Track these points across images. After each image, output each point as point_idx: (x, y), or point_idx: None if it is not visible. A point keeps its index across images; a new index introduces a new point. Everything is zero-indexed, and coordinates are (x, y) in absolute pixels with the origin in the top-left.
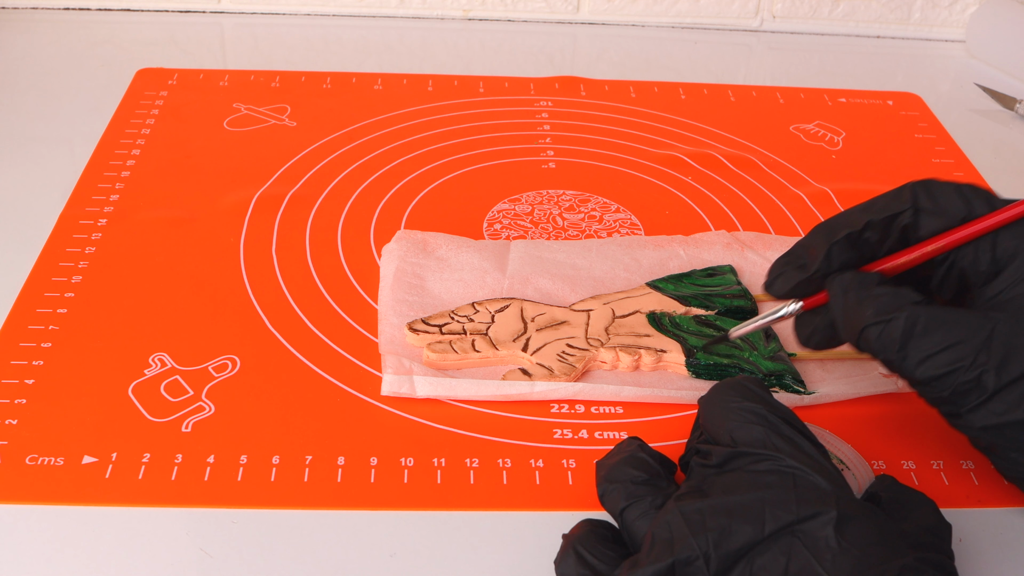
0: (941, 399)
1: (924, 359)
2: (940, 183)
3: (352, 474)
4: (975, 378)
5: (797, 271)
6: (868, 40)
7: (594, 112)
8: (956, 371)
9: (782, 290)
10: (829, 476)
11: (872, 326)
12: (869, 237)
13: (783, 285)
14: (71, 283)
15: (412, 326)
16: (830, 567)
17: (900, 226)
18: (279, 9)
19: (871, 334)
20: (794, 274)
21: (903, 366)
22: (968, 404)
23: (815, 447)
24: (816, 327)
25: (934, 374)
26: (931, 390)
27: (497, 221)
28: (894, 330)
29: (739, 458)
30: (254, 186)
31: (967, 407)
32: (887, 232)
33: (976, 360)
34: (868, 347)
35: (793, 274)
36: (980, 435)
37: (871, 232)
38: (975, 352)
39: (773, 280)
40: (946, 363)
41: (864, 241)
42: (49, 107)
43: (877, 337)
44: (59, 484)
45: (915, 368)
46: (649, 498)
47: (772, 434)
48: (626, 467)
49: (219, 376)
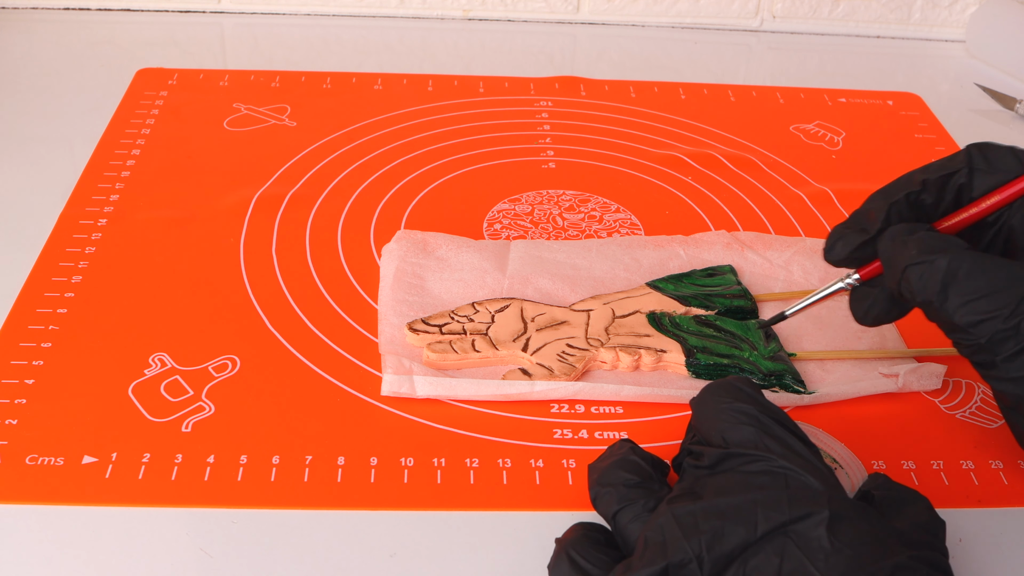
0: (978, 346)
1: (965, 303)
2: (996, 145)
3: (352, 474)
4: (1014, 326)
5: (858, 234)
6: (868, 40)
7: (594, 112)
8: (995, 318)
9: (843, 252)
10: (821, 476)
11: (915, 265)
12: (925, 198)
13: (844, 248)
14: (71, 283)
15: (412, 326)
16: (823, 567)
17: (956, 185)
18: (279, 9)
19: (913, 274)
20: (855, 237)
21: (943, 308)
22: (1004, 352)
23: (807, 447)
24: (874, 299)
25: (973, 319)
26: (968, 336)
27: (497, 221)
28: (937, 271)
29: (731, 459)
30: (254, 186)
31: (1003, 355)
32: (943, 192)
33: (1017, 308)
34: (908, 288)
35: (854, 237)
36: (1011, 387)
37: (927, 193)
38: (1016, 300)
39: (833, 244)
40: (986, 309)
41: (921, 202)
42: (49, 107)
43: (919, 277)
44: (59, 484)
45: (955, 311)
46: (642, 501)
47: (763, 435)
48: (618, 470)
49: (219, 376)
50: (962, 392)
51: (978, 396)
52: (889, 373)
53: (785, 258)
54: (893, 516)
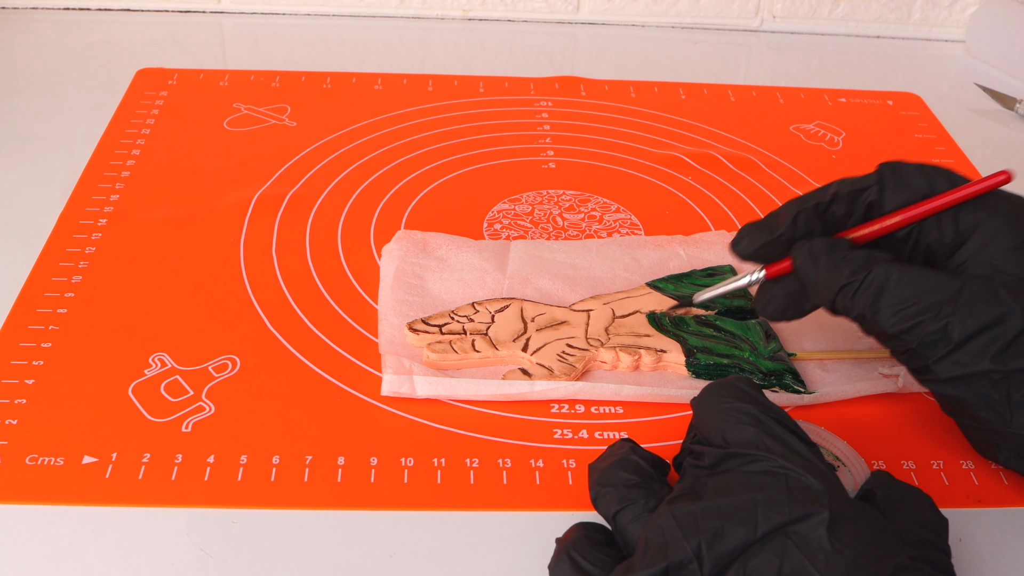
0: (911, 352)
1: (895, 312)
2: (907, 164)
3: (352, 474)
4: (941, 328)
5: (763, 233)
6: (868, 40)
7: (594, 112)
8: (923, 322)
9: (747, 250)
10: (821, 476)
11: (848, 285)
12: (835, 210)
13: (748, 245)
14: (71, 283)
15: (412, 326)
16: (823, 568)
17: (866, 202)
18: (279, 9)
19: (847, 293)
20: (760, 236)
21: (875, 320)
22: (935, 355)
23: (807, 447)
24: (774, 295)
25: (904, 326)
26: (900, 342)
27: (497, 221)
28: (868, 285)
29: (731, 459)
30: (254, 186)
31: (934, 358)
32: (853, 206)
33: (942, 311)
34: (843, 306)
35: (759, 235)
36: (947, 389)
37: (837, 205)
38: (941, 304)
39: (740, 239)
40: (915, 314)
41: (831, 214)
42: (49, 107)
43: (852, 295)
44: (59, 484)
45: (886, 320)
46: (642, 501)
47: (764, 434)
48: (618, 470)
49: (219, 376)
50: None
51: None
52: (889, 373)
53: None
54: (895, 515)
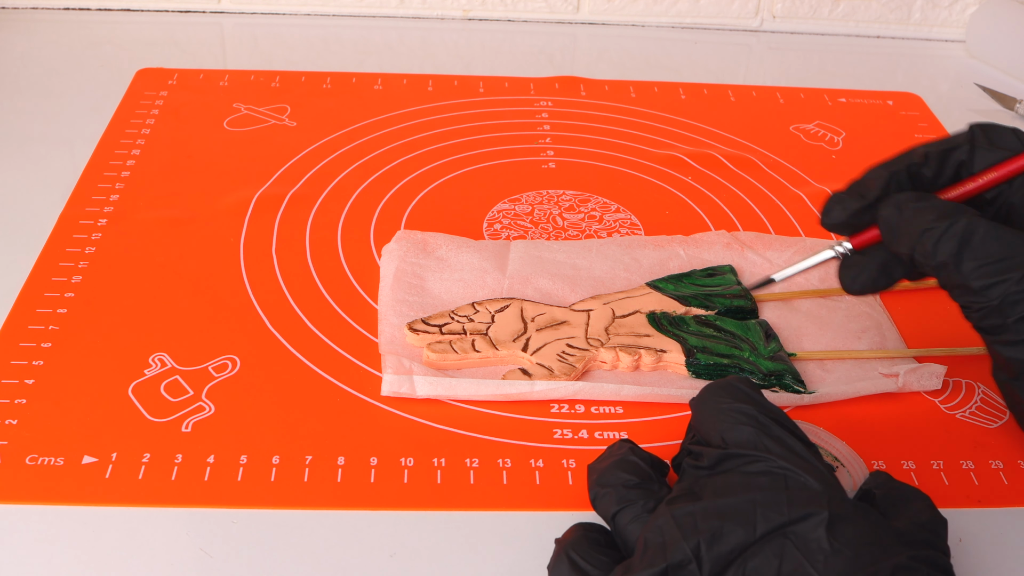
0: (989, 309)
1: (979, 266)
2: (999, 125)
3: (352, 474)
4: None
5: (856, 200)
6: (868, 40)
7: (594, 112)
8: (1007, 280)
9: (840, 217)
10: (820, 476)
11: (931, 229)
12: (925, 172)
13: (840, 213)
14: (71, 283)
15: (412, 326)
16: (822, 569)
17: (956, 161)
18: (279, 9)
19: (929, 237)
20: (853, 202)
21: (957, 270)
22: (1016, 314)
23: (806, 447)
24: (863, 267)
25: (986, 282)
26: (981, 299)
27: (497, 221)
28: (953, 235)
29: (730, 459)
30: (254, 186)
31: (1014, 317)
32: (943, 166)
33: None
34: (923, 251)
35: (851, 202)
36: (1018, 352)
37: (927, 167)
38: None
39: (830, 208)
40: (999, 271)
41: (921, 176)
42: (49, 107)
43: (935, 240)
44: (59, 484)
45: (970, 274)
46: (641, 502)
47: (762, 435)
48: (617, 471)
49: (219, 376)
50: (962, 392)
51: (978, 396)
52: (889, 373)
53: (785, 258)
54: (894, 515)
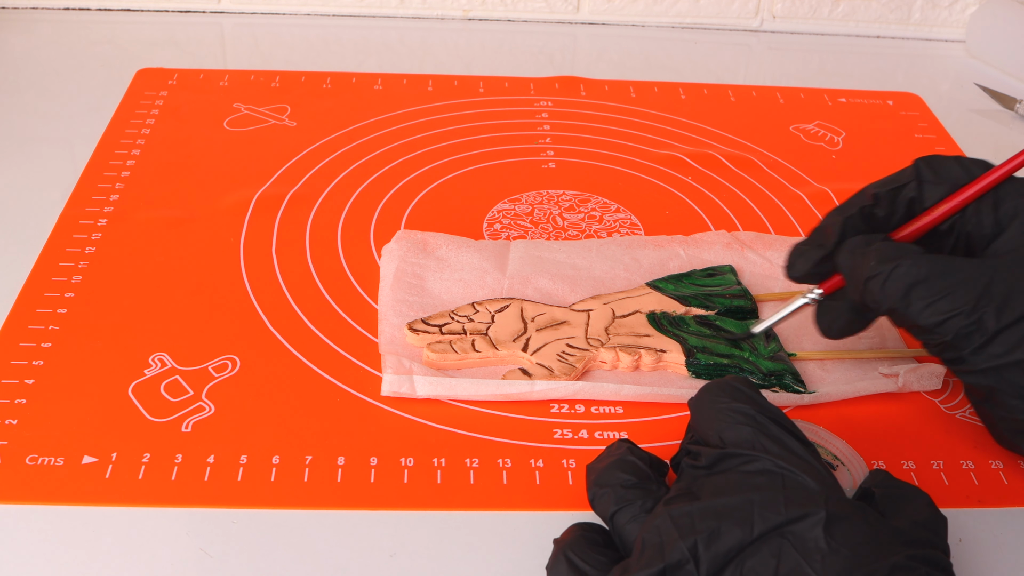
0: (945, 344)
1: (927, 305)
2: (942, 157)
3: (352, 474)
4: (976, 320)
5: (816, 249)
6: (868, 40)
7: (594, 112)
8: (958, 315)
9: (804, 268)
10: (818, 476)
11: (875, 277)
12: (878, 211)
13: (804, 264)
14: (71, 283)
15: (412, 326)
16: (820, 568)
17: (906, 198)
18: (279, 9)
19: (875, 284)
20: (814, 252)
21: (907, 313)
22: (971, 346)
23: (804, 447)
24: (837, 312)
25: (937, 319)
26: (934, 336)
27: (497, 221)
28: (897, 278)
29: (728, 459)
30: (254, 186)
31: (969, 349)
32: (894, 204)
33: (977, 304)
34: (872, 298)
35: (813, 252)
36: (980, 379)
37: (880, 207)
38: (976, 296)
39: (794, 261)
40: (949, 308)
41: (874, 216)
42: (49, 107)
43: (881, 286)
44: (59, 484)
45: (919, 314)
46: (639, 501)
47: (760, 434)
48: (615, 471)
49: (219, 376)
50: (962, 392)
51: None
52: (889, 373)
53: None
54: (893, 513)
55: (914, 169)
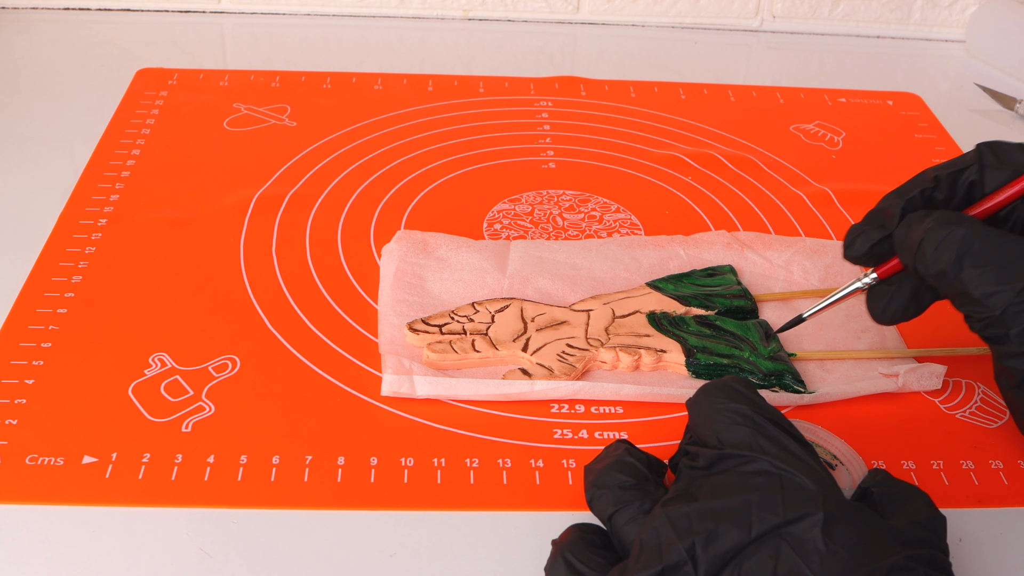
0: (991, 319)
1: (980, 273)
2: (1006, 143)
3: (352, 474)
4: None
5: (876, 230)
6: (868, 40)
7: (594, 112)
8: (1009, 289)
9: (862, 249)
10: (816, 476)
11: (930, 238)
12: (938, 195)
13: (863, 244)
14: (71, 283)
15: (412, 326)
16: (818, 569)
17: (967, 182)
18: (279, 9)
19: (928, 244)
20: (874, 233)
21: (958, 278)
22: (1018, 325)
23: (802, 447)
24: (891, 296)
25: (988, 290)
26: (982, 308)
27: (497, 221)
28: (952, 241)
29: (726, 460)
30: (254, 186)
31: (1017, 328)
32: (955, 188)
33: None
34: (923, 260)
35: (873, 233)
36: (1020, 363)
37: (940, 190)
38: None
39: (852, 241)
40: (1001, 280)
41: (934, 199)
42: (49, 107)
43: (934, 248)
44: (59, 484)
45: (970, 282)
46: (637, 503)
47: (758, 435)
48: (614, 472)
49: (219, 376)
50: (962, 392)
51: (978, 396)
52: (889, 373)
53: (785, 258)
54: (892, 513)
55: (976, 153)
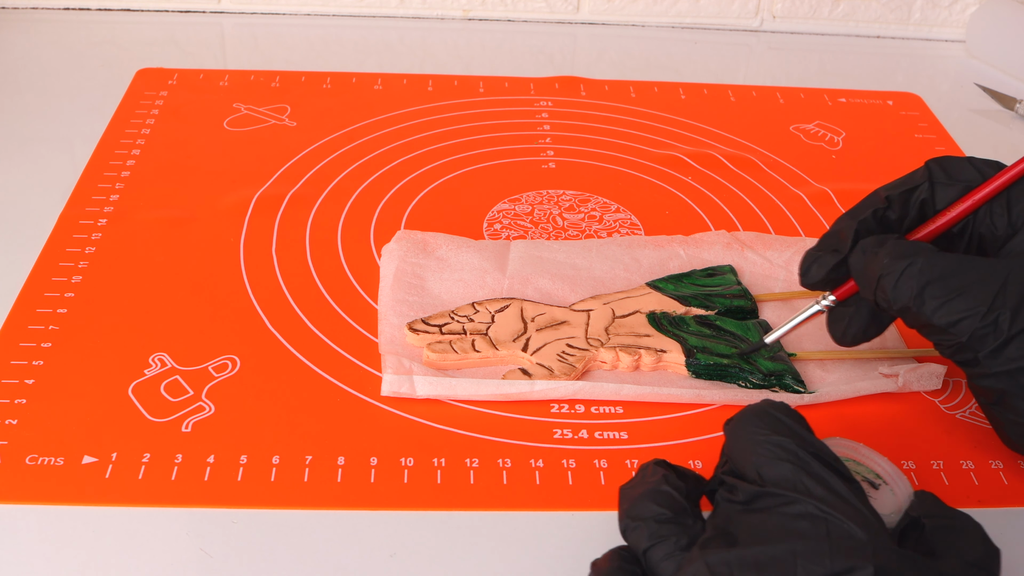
0: (959, 345)
1: (942, 304)
2: (954, 158)
3: (352, 474)
4: (992, 322)
5: (831, 255)
6: (868, 40)
7: (594, 112)
8: (973, 315)
9: (819, 275)
10: (864, 523)
11: (888, 274)
12: (891, 214)
13: (819, 270)
14: (71, 283)
15: (412, 326)
16: None
17: (918, 200)
18: (279, 9)
19: (888, 282)
20: (828, 258)
21: (921, 311)
22: (985, 348)
23: (848, 485)
24: (851, 318)
25: (951, 319)
26: (949, 336)
27: (497, 221)
28: (910, 276)
29: (766, 497)
30: (254, 186)
31: (984, 351)
32: (907, 207)
33: (993, 303)
34: (884, 297)
35: (827, 258)
36: (994, 382)
37: (892, 209)
38: (992, 295)
39: (808, 267)
40: (963, 307)
41: (887, 219)
42: (49, 107)
43: (894, 284)
44: (59, 484)
45: (933, 313)
46: (674, 538)
47: (802, 473)
48: (649, 503)
49: (219, 376)
50: (962, 392)
51: None
52: (889, 373)
53: (785, 258)
54: (944, 549)
55: (926, 170)
